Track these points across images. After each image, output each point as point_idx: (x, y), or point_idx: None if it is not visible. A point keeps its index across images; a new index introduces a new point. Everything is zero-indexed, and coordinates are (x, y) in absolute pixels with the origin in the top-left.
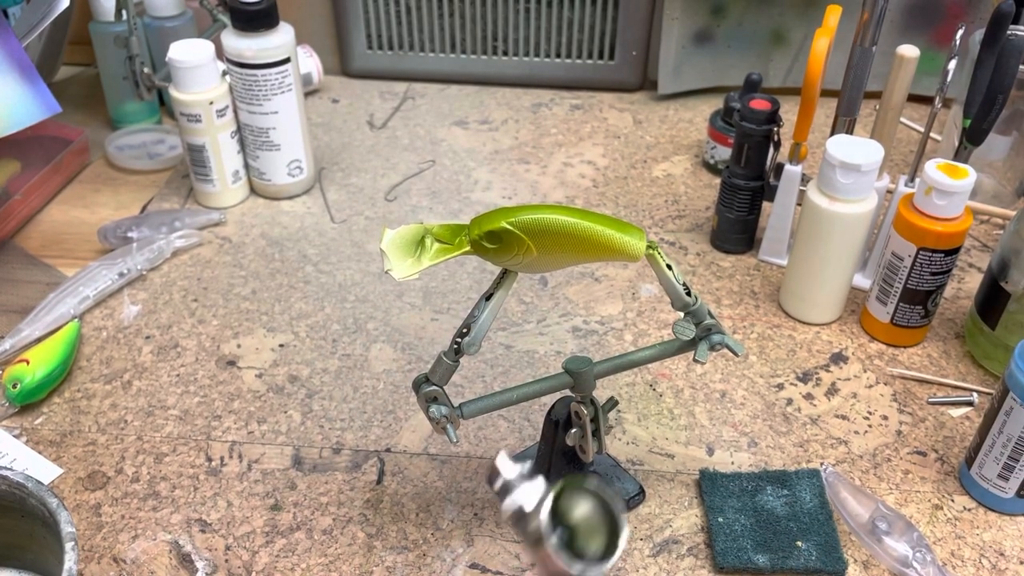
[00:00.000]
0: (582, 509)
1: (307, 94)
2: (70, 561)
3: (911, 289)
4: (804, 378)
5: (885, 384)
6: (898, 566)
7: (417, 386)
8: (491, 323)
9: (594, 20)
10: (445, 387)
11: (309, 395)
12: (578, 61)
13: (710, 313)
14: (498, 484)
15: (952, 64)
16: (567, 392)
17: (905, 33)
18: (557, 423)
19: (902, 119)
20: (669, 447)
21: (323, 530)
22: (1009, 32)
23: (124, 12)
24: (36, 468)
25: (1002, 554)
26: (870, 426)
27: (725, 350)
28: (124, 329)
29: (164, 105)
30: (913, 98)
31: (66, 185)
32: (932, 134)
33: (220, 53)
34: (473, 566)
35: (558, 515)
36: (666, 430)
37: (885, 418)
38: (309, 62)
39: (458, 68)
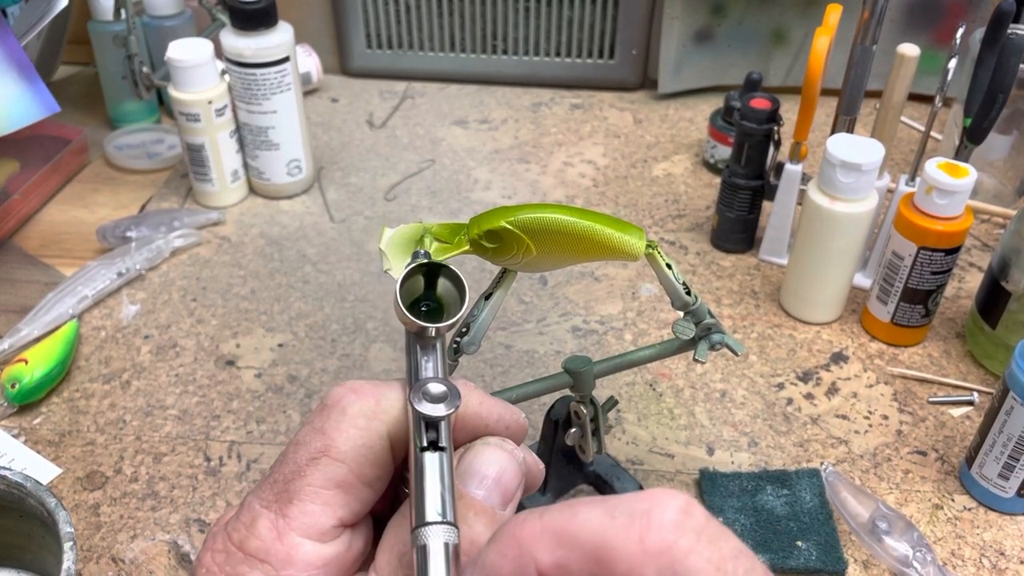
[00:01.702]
0: (442, 285)
1: (306, 93)
2: (68, 561)
3: (912, 288)
4: (804, 378)
5: (885, 384)
6: (898, 566)
7: None
8: (490, 322)
9: (594, 19)
10: None
11: (308, 395)
12: (578, 60)
13: (710, 312)
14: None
15: (953, 63)
16: (567, 392)
17: (906, 32)
18: (557, 423)
19: (903, 118)
20: (669, 447)
21: None
22: (1010, 31)
23: (123, 11)
24: (35, 468)
25: (1002, 554)
26: (870, 426)
27: (725, 349)
28: (123, 329)
29: (163, 104)
30: (914, 97)
31: (65, 185)
32: (933, 133)
33: (219, 52)
34: None
35: (426, 290)
36: (666, 430)
37: (885, 418)
38: (308, 61)
39: (458, 67)
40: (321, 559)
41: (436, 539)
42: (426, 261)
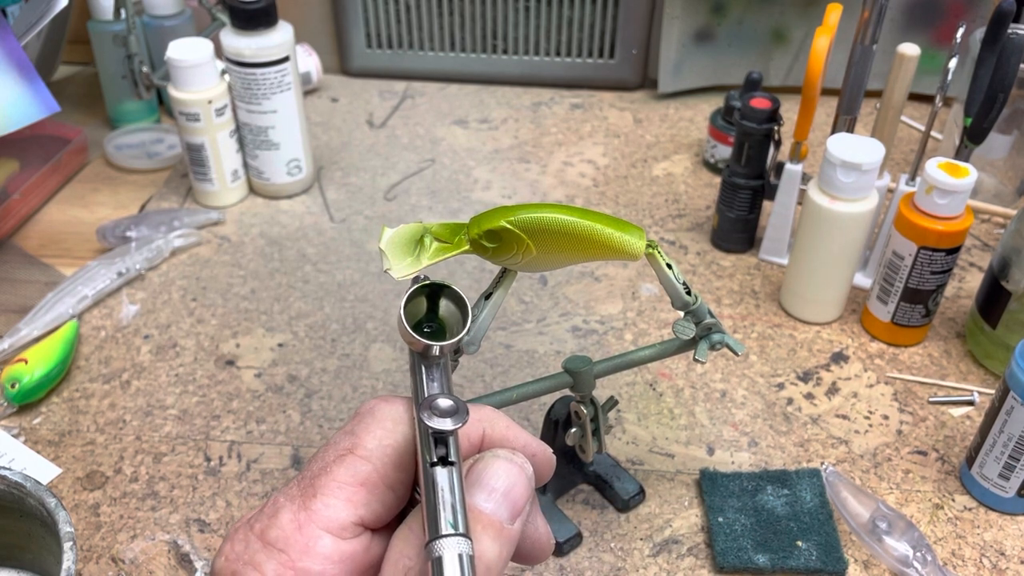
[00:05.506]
0: (444, 306)
1: (306, 93)
2: (68, 561)
3: (912, 288)
4: (805, 377)
5: (886, 383)
6: (899, 566)
7: None
8: (490, 322)
9: (594, 18)
10: None
11: (308, 395)
12: (578, 60)
13: (710, 312)
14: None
15: (953, 63)
16: (567, 392)
17: (906, 31)
18: (557, 423)
19: (903, 118)
20: (669, 447)
21: None
22: (1010, 31)
23: (123, 11)
24: (34, 468)
25: (1003, 554)
26: (871, 425)
27: (725, 349)
28: (123, 329)
29: (163, 104)
30: (914, 97)
31: (65, 184)
32: (933, 133)
33: (219, 52)
34: None
35: (429, 311)
36: (666, 430)
37: (886, 417)
38: (308, 61)
39: (458, 67)
40: (339, 554)
41: (450, 551)
42: (429, 282)
